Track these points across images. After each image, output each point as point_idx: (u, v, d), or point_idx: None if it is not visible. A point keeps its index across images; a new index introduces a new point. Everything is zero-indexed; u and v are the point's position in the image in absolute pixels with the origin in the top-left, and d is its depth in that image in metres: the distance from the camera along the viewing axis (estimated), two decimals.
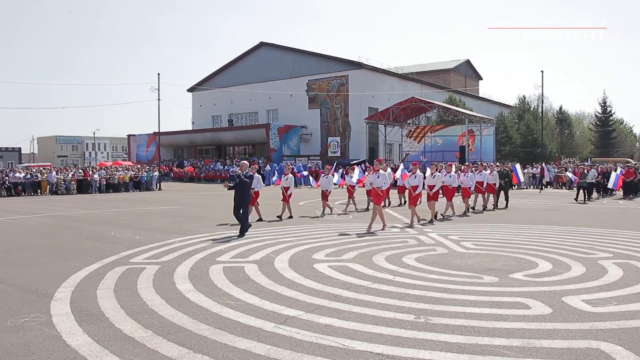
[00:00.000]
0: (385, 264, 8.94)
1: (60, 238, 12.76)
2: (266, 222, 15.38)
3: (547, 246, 10.73)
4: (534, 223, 15.02)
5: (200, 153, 64.47)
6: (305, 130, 56.97)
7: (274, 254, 9.93)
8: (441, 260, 9.26)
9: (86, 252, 10.55)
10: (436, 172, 16.28)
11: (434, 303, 6.45)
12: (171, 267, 8.77)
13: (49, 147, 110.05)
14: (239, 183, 12.73)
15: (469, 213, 17.86)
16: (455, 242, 11.29)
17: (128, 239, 12.39)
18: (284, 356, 4.76)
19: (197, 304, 6.53)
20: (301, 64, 58.08)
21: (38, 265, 9.20)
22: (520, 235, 12.37)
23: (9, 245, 11.78)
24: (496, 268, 8.55)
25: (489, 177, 19.32)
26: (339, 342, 5.08)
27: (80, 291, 7.25)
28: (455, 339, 5.14)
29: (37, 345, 5.12)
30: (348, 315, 5.96)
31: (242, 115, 64.69)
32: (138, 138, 67.44)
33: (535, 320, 5.71)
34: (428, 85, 64.10)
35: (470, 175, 18.85)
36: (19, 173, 34.45)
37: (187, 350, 4.93)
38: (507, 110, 70.33)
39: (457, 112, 46.52)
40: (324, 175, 18.62)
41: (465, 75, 78.84)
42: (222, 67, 66.58)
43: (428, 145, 46.88)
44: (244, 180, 12.73)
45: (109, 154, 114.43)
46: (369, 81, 54.79)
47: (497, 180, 19.59)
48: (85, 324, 5.74)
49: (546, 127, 59.26)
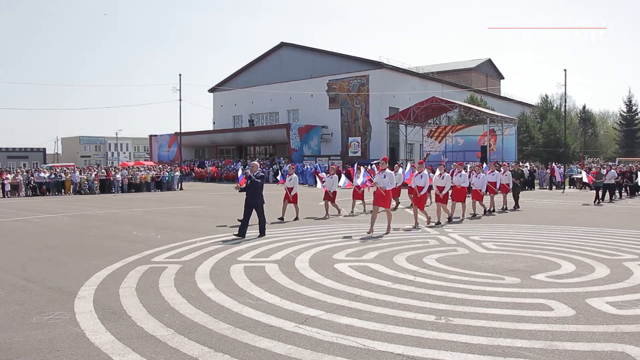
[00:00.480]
0: (406, 265, 8.90)
1: (83, 237, 12.91)
2: (277, 224, 15.40)
3: (570, 247, 10.60)
4: (557, 224, 14.84)
5: (221, 153, 64.79)
6: (326, 130, 56.98)
7: (295, 254, 9.95)
8: (462, 260, 9.20)
9: (109, 251, 10.66)
10: (445, 173, 15.58)
11: (455, 304, 6.40)
12: (192, 267, 8.83)
13: (72, 147, 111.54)
14: (250, 184, 12.58)
15: (480, 216, 17.24)
16: (476, 243, 11.21)
17: (150, 238, 12.50)
18: (305, 356, 4.76)
19: (218, 303, 6.56)
20: (322, 64, 58.10)
21: (62, 264, 9.33)
22: (542, 236, 12.23)
23: (34, 244, 11.96)
24: (518, 269, 8.46)
25: (502, 177, 18.89)
26: (360, 342, 5.07)
27: (103, 290, 7.34)
28: (476, 340, 5.10)
29: (61, 342, 5.19)
30: (368, 316, 5.94)
31: (262, 115, 64.92)
32: (160, 138, 68.04)
33: (558, 322, 5.64)
34: (449, 85, 63.71)
35: (482, 176, 17.95)
36: (44, 173, 35.00)
37: (208, 349, 4.96)
38: (529, 109, 69.59)
39: (479, 112, 46.13)
40: (329, 176, 18.03)
41: (486, 75, 78.18)
42: (243, 68, 66.88)
43: (449, 145, 46.59)
44: (256, 181, 12.55)
45: (131, 154, 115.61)
46: (390, 81, 54.62)
47: (511, 180, 19.18)
48: (108, 322, 5.80)
49: (569, 126, 58.53)
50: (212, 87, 70.11)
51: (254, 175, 12.61)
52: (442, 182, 15.21)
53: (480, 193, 17.53)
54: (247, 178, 12.70)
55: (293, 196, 16.41)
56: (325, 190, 17.56)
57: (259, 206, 12.58)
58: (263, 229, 12.67)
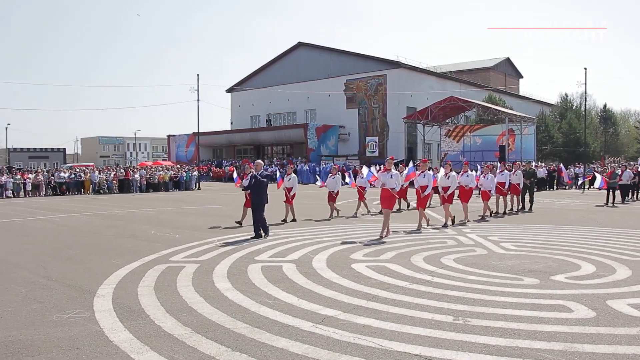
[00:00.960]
0: (423, 265, 8.86)
1: (102, 236, 13.04)
2: (288, 224, 15.42)
3: (590, 248, 10.47)
4: (576, 224, 14.68)
5: (239, 153, 65.03)
6: (343, 130, 56.97)
7: (312, 254, 9.95)
8: (480, 261, 9.13)
9: (127, 250, 10.75)
10: (451, 172, 14.96)
11: (473, 304, 6.36)
12: (210, 266, 8.87)
13: (92, 147, 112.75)
14: (254, 183, 12.35)
15: (489, 218, 16.48)
16: (494, 243, 11.12)
17: (168, 237, 12.58)
18: (322, 356, 4.76)
19: (236, 302, 6.58)
20: (339, 64, 58.10)
21: (81, 263, 9.42)
22: (561, 237, 12.10)
23: (54, 243, 12.10)
24: (537, 270, 8.38)
25: (513, 177, 18.17)
26: (377, 343, 5.06)
27: (122, 288, 7.40)
28: (494, 342, 5.06)
29: (81, 340, 5.24)
30: (386, 316, 5.92)
31: (280, 115, 65.07)
32: (178, 138, 68.47)
33: (578, 324, 5.56)
34: (467, 84, 63.34)
35: (490, 176, 16.99)
36: (64, 173, 35.44)
37: (225, 348, 4.97)
38: (548, 108, 68.96)
39: (497, 111, 45.82)
40: (331, 176, 17.64)
41: (505, 74, 77.60)
42: (261, 68, 67.10)
43: (467, 144, 46.37)
44: (260, 180, 12.32)
45: (149, 154, 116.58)
46: (407, 80, 54.47)
47: (522, 180, 18.42)
48: (127, 321, 5.85)
49: (589, 125, 57.88)
50: (229, 87, 70.42)
51: (259, 174, 12.39)
52: (447, 182, 14.75)
53: (488, 193, 16.78)
54: (252, 177, 12.47)
55: (291, 196, 15.78)
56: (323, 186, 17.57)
57: (262, 206, 12.30)
58: (266, 230, 12.30)
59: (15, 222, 17.00)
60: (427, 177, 14.07)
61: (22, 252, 10.82)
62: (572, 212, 18.81)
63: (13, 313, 6.23)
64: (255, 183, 12.35)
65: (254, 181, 12.38)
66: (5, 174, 33.01)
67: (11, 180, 32.05)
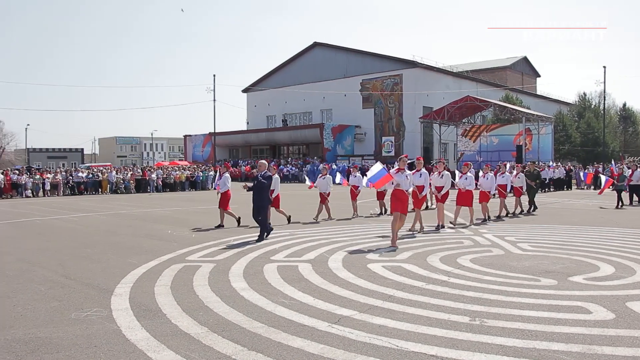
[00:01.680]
0: (439, 265, 8.82)
1: (119, 235, 13.14)
2: (312, 224, 15.43)
3: (608, 249, 10.35)
4: (594, 225, 14.52)
5: (255, 153, 65.24)
6: (359, 130, 56.92)
7: (328, 254, 9.94)
8: (497, 261, 9.07)
9: (144, 249, 10.83)
10: (444, 172, 14.25)
11: (489, 305, 6.31)
12: (226, 266, 8.90)
13: (109, 147, 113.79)
14: (256, 184, 12.10)
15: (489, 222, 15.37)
16: (511, 244, 11.04)
17: (184, 237, 12.65)
18: (338, 356, 4.75)
19: (252, 302, 6.60)
20: (355, 64, 58.04)
21: (99, 262, 9.50)
22: (579, 237, 11.97)
23: (72, 242, 12.22)
24: (554, 270, 8.30)
25: (515, 179, 17.64)
26: (393, 343, 5.04)
27: (139, 287, 7.45)
28: (511, 343, 5.02)
29: (98, 338, 5.29)
30: (402, 316, 5.90)
31: (296, 115, 65.15)
32: (194, 138, 68.84)
33: (597, 326, 5.50)
34: (484, 84, 62.97)
35: (491, 176, 16.28)
36: (82, 173, 35.76)
37: (241, 347, 4.99)
38: (566, 108, 68.30)
39: (514, 111, 45.46)
40: (321, 177, 17.03)
41: (522, 73, 77.04)
42: (277, 68, 67.24)
43: (484, 144, 46.04)
44: (262, 182, 12.04)
45: (166, 154, 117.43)
46: (424, 80, 54.27)
47: (524, 183, 17.74)
48: (144, 319, 5.89)
49: (608, 124, 57.22)
50: (246, 88, 70.66)
51: (261, 175, 12.14)
52: (440, 181, 14.14)
53: (488, 195, 15.92)
54: (254, 178, 12.27)
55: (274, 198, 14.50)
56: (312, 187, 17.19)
57: (264, 208, 12.08)
58: (268, 231, 12.03)
59: (35, 221, 17.20)
60: (424, 176, 13.29)
61: (41, 251, 10.94)
62: (590, 212, 18.60)
63: (33, 311, 6.30)
64: (257, 184, 12.09)
65: (256, 182, 12.15)
66: (25, 174, 33.41)
67: (30, 180, 32.45)
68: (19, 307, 6.47)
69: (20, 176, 32.35)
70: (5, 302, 6.77)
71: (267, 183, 12.19)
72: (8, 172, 34.23)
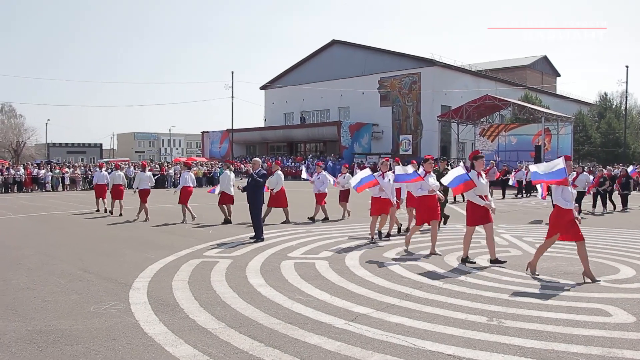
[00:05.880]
0: (457, 264, 8.78)
1: (137, 230, 13.25)
2: (332, 222, 15.42)
3: (629, 251, 10.23)
4: (614, 226, 14.34)
5: (272, 150, 65.33)
6: (377, 128, 56.74)
7: (345, 251, 9.94)
8: (515, 262, 8.99)
9: (162, 244, 10.91)
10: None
11: (507, 305, 6.27)
12: (243, 262, 8.94)
13: (127, 143, 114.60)
14: (250, 183, 11.83)
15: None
16: (529, 244, 10.94)
17: (202, 232, 12.71)
18: (354, 353, 4.75)
19: (269, 298, 6.62)
20: (373, 62, 57.84)
21: (117, 256, 9.60)
22: (599, 239, 11.83)
23: (91, 236, 12.36)
24: (573, 272, 8.21)
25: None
26: (410, 342, 5.03)
27: (157, 282, 7.51)
28: (529, 344, 4.98)
29: (117, 331, 5.34)
30: (419, 315, 5.88)
31: (313, 112, 65.10)
32: (212, 135, 69.07)
33: (617, 329, 5.43)
34: (503, 83, 62.37)
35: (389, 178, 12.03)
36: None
37: (258, 343, 5.01)
38: (586, 108, 67.47)
39: (533, 110, 44.99)
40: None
41: (542, 72, 76.19)
42: (295, 65, 67.22)
43: (502, 144, 45.62)
44: (257, 180, 11.74)
45: (183, 150, 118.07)
46: (442, 79, 53.94)
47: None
48: (161, 314, 5.94)
49: (630, 125, 56.47)
50: (263, 85, 70.74)
51: (256, 174, 11.85)
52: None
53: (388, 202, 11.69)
54: (249, 176, 12.03)
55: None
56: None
57: (256, 207, 11.75)
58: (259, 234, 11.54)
59: (54, 215, 17.41)
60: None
61: (61, 244, 11.08)
62: (607, 215, 18.38)
63: (53, 303, 6.39)
64: (251, 182, 11.84)
65: (250, 180, 11.90)
66: (45, 168, 33.81)
67: (50, 174, 32.84)
68: (39, 300, 6.56)
69: (40, 170, 32.76)
70: (26, 294, 6.87)
71: (262, 181, 11.90)
72: (29, 166, 34.68)
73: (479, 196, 8.72)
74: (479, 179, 8.78)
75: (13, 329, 5.40)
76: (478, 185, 8.70)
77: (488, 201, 8.79)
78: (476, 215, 8.76)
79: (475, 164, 8.95)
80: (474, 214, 8.78)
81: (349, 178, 15.71)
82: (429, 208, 10.01)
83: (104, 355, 4.71)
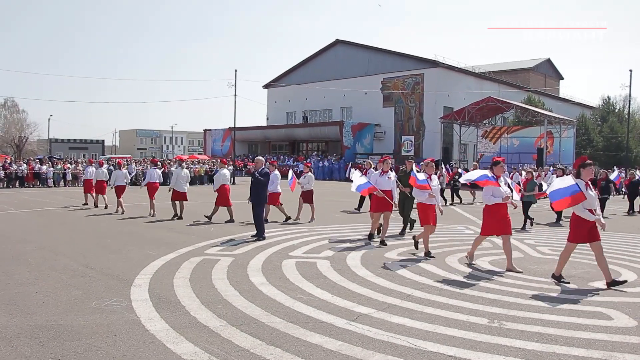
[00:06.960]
0: (458, 266, 8.78)
1: (138, 227, 13.27)
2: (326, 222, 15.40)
3: (631, 255, 10.22)
4: (617, 230, 14.32)
5: (274, 149, 65.28)
6: (379, 129, 56.66)
7: (347, 251, 9.94)
8: (516, 264, 8.95)
9: (163, 241, 10.91)
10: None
11: (508, 308, 6.27)
12: (245, 260, 8.94)
13: (129, 140, 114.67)
14: (253, 181, 11.91)
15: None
16: (531, 247, 10.94)
17: (203, 230, 12.72)
18: (355, 353, 4.75)
19: (270, 297, 6.63)
20: (376, 62, 57.78)
21: (119, 253, 9.60)
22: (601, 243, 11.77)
23: (92, 232, 12.38)
24: (575, 275, 8.21)
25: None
26: (411, 342, 5.03)
27: (158, 279, 7.52)
28: (531, 346, 4.98)
29: (118, 327, 5.35)
30: (420, 316, 5.89)
31: (316, 112, 65.02)
32: (214, 133, 68.99)
33: (618, 333, 5.43)
34: (506, 85, 62.29)
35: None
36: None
37: (259, 341, 5.01)
38: (589, 111, 67.38)
39: (536, 113, 44.99)
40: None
41: (545, 75, 76.09)
42: (298, 65, 67.15)
43: (504, 146, 45.62)
44: (259, 179, 11.82)
45: (185, 148, 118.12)
46: (445, 80, 53.86)
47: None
48: (163, 311, 5.94)
49: (632, 129, 56.35)
50: (266, 83, 70.66)
51: (258, 172, 11.93)
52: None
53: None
54: (251, 175, 12.07)
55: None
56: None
57: (259, 206, 11.78)
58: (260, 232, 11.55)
59: (56, 211, 17.43)
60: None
61: (63, 239, 11.10)
62: (613, 218, 18.35)
63: (54, 299, 6.40)
64: (254, 181, 11.91)
65: (253, 179, 11.97)
66: (47, 164, 33.82)
67: (52, 169, 32.86)
68: (41, 295, 6.57)
69: (42, 166, 32.77)
70: (28, 289, 6.88)
71: (264, 180, 12.00)
72: (31, 161, 34.70)
73: (588, 210, 7.59)
74: (587, 190, 7.59)
75: (15, 324, 5.41)
76: (587, 197, 7.52)
77: (597, 216, 7.67)
78: (582, 231, 7.64)
79: (582, 173, 7.65)
80: (579, 229, 7.66)
81: (311, 178, 15.49)
82: (500, 219, 8.74)
83: (105, 351, 4.71)
